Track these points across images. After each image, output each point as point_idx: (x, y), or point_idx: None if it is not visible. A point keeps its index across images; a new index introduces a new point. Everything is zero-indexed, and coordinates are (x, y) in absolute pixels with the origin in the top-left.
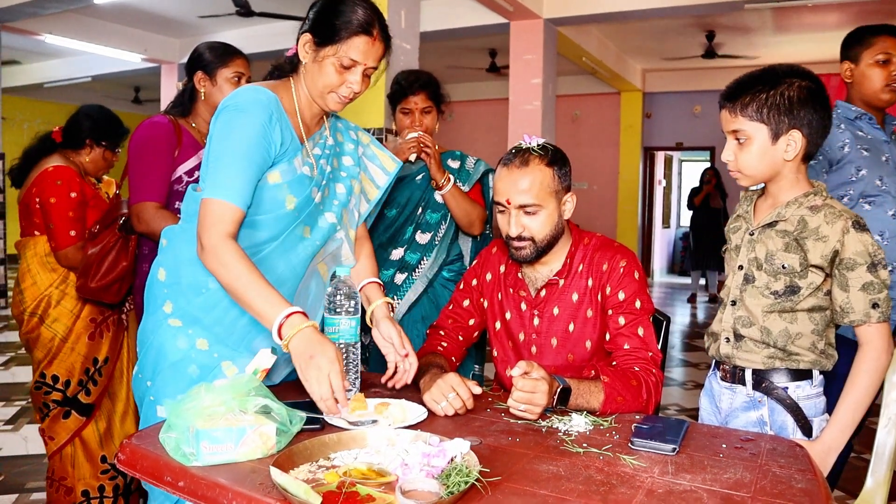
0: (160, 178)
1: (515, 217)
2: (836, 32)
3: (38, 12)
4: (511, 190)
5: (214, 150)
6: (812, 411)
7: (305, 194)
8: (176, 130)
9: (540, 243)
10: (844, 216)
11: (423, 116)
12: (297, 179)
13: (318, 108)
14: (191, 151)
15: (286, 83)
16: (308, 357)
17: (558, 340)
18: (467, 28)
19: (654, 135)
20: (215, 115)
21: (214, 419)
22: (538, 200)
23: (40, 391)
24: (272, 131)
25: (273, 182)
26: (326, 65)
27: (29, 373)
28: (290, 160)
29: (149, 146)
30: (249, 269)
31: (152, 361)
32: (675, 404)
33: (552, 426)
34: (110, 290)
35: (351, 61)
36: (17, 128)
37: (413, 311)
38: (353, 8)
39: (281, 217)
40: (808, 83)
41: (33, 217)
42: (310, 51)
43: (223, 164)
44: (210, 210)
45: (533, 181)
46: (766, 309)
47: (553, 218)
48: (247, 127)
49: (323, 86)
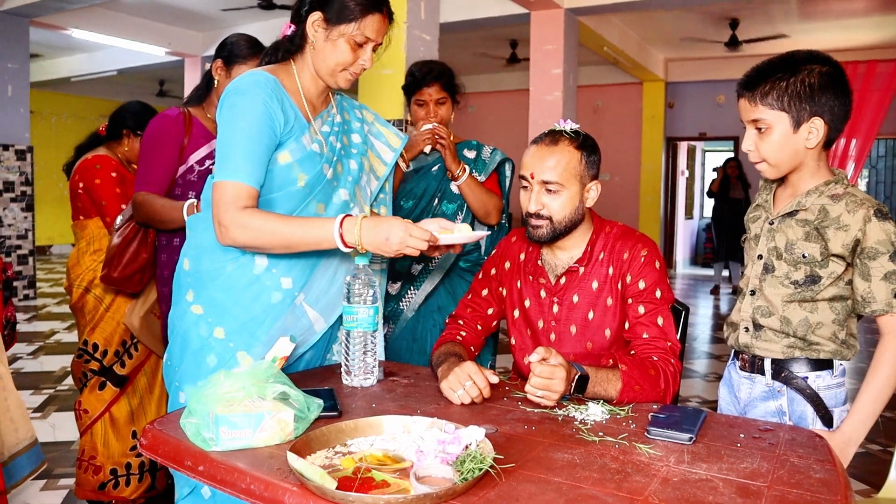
0: (162, 171)
1: (537, 193)
2: (864, 19)
3: (64, 7)
4: (536, 165)
5: (221, 136)
6: (832, 401)
7: (316, 171)
8: (186, 121)
9: (557, 224)
10: (866, 204)
11: (438, 107)
12: (308, 156)
13: (322, 86)
14: (201, 141)
15: (286, 66)
16: (384, 240)
17: (577, 328)
18: (487, 19)
19: (676, 125)
20: (219, 103)
21: (234, 405)
22: (561, 180)
23: (81, 359)
24: (274, 109)
25: (284, 162)
26: (340, 43)
27: (57, 362)
28: (298, 138)
29: (155, 139)
30: (280, 217)
31: (178, 348)
32: (696, 396)
33: (568, 415)
34: (132, 280)
35: (364, 38)
36: (46, 121)
37: (430, 302)
38: None
39: (293, 194)
40: (829, 69)
41: (77, 202)
42: (320, 29)
43: (231, 147)
44: (223, 192)
45: (559, 160)
46: (785, 298)
47: (574, 201)
48: (249, 108)
49: (336, 63)
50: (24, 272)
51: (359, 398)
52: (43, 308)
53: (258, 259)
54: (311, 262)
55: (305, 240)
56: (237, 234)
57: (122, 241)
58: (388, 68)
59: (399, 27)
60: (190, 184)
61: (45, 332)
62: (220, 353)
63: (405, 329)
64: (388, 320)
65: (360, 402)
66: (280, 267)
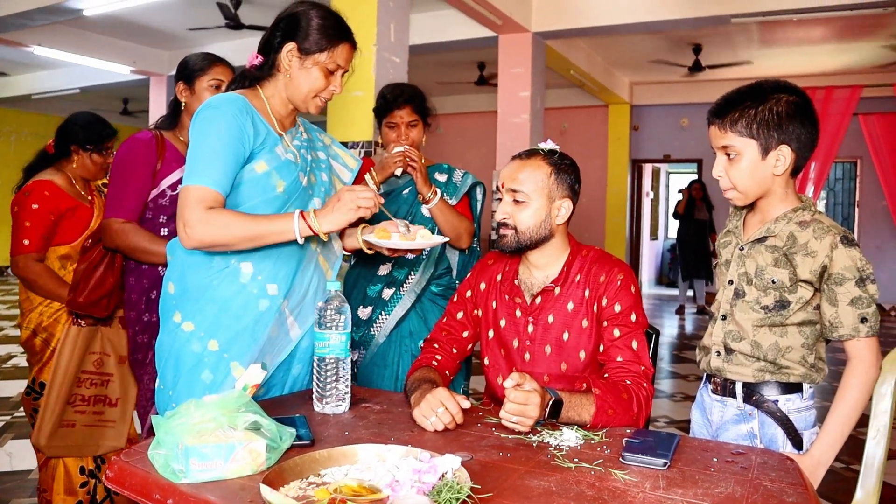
0: (133, 195)
1: (505, 203)
2: (822, 46)
3: (27, 24)
4: (508, 176)
5: (192, 146)
6: (802, 424)
7: (293, 177)
8: (158, 145)
9: (521, 235)
10: (833, 231)
11: (409, 130)
12: (284, 164)
13: (291, 109)
14: (174, 165)
15: (254, 90)
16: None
17: (552, 348)
18: (456, 41)
19: (641, 147)
20: (192, 119)
21: (204, 435)
22: (527, 191)
23: (30, 397)
24: (244, 122)
25: (261, 171)
26: (314, 71)
27: (13, 387)
28: (272, 149)
29: (125, 163)
30: (242, 213)
31: (172, 370)
32: (664, 416)
33: (543, 441)
34: (98, 304)
35: (336, 65)
36: (5, 139)
37: (401, 327)
38: (336, 19)
39: (272, 200)
40: (796, 98)
41: None
42: (294, 58)
43: (199, 155)
44: (188, 194)
45: (529, 173)
46: (756, 323)
47: (539, 215)
48: (219, 120)
49: (309, 90)
50: None
51: (331, 426)
52: (0, 331)
53: (244, 266)
54: (293, 268)
55: (269, 229)
56: (201, 231)
57: (87, 265)
58: (358, 90)
59: (368, 50)
60: (161, 208)
61: (1, 357)
62: (215, 366)
63: (376, 355)
64: (358, 346)
65: (333, 430)
66: (265, 273)
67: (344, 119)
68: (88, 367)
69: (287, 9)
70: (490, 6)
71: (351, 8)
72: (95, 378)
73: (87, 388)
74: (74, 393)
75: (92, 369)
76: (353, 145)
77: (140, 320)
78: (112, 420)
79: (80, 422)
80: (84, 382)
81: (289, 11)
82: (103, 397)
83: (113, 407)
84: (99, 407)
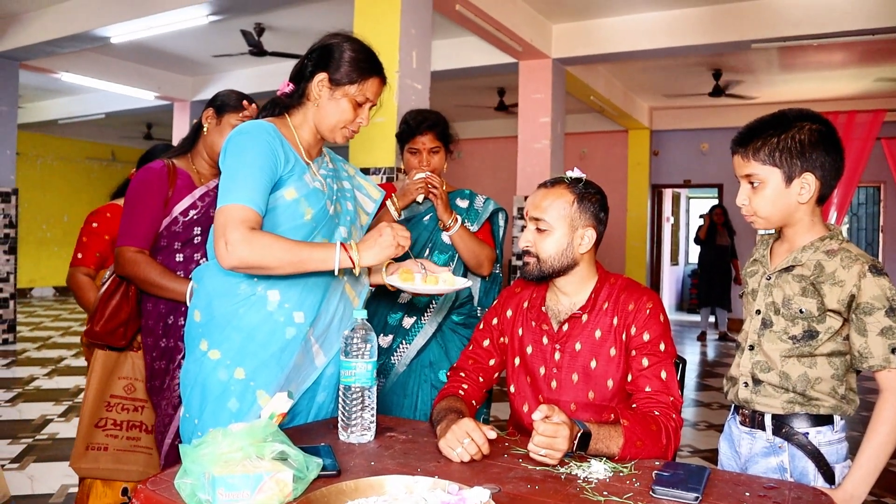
0: (145, 224)
1: (529, 230)
2: (842, 71)
3: (56, 51)
4: (532, 204)
5: (227, 168)
6: (834, 457)
7: (321, 205)
8: (170, 173)
9: (543, 263)
10: (861, 260)
11: (431, 156)
12: (312, 192)
13: (318, 139)
14: (185, 192)
15: (282, 119)
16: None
17: (579, 376)
18: (477, 67)
19: (661, 172)
20: (224, 144)
21: (231, 465)
22: (549, 220)
23: None
24: (276, 148)
25: (290, 198)
26: (343, 102)
27: (36, 410)
28: (300, 176)
29: (138, 193)
30: (285, 239)
31: (198, 399)
32: (688, 445)
33: (571, 472)
34: (115, 333)
35: (365, 98)
36: (32, 162)
37: (422, 356)
38: (368, 53)
39: (300, 227)
40: (819, 126)
41: None
42: (325, 88)
43: (237, 175)
44: (230, 213)
45: (551, 202)
46: (784, 353)
47: (561, 244)
48: (253, 143)
49: (338, 120)
50: (4, 316)
51: (357, 455)
52: (23, 353)
53: (270, 294)
54: (319, 296)
55: (311, 256)
56: (243, 251)
57: (104, 294)
58: (381, 116)
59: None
60: (175, 235)
61: (24, 379)
62: (241, 395)
63: (396, 384)
64: (378, 374)
65: (359, 460)
66: (292, 300)
67: (366, 145)
68: (118, 392)
69: (321, 39)
70: (511, 33)
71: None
72: (127, 403)
73: (118, 412)
74: (105, 417)
75: (122, 394)
76: (375, 171)
77: (157, 346)
78: (148, 447)
79: (113, 446)
80: (115, 407)
81: (323, 42)
82: (138, 423)
83: (149, 434)
84: (134, 433)
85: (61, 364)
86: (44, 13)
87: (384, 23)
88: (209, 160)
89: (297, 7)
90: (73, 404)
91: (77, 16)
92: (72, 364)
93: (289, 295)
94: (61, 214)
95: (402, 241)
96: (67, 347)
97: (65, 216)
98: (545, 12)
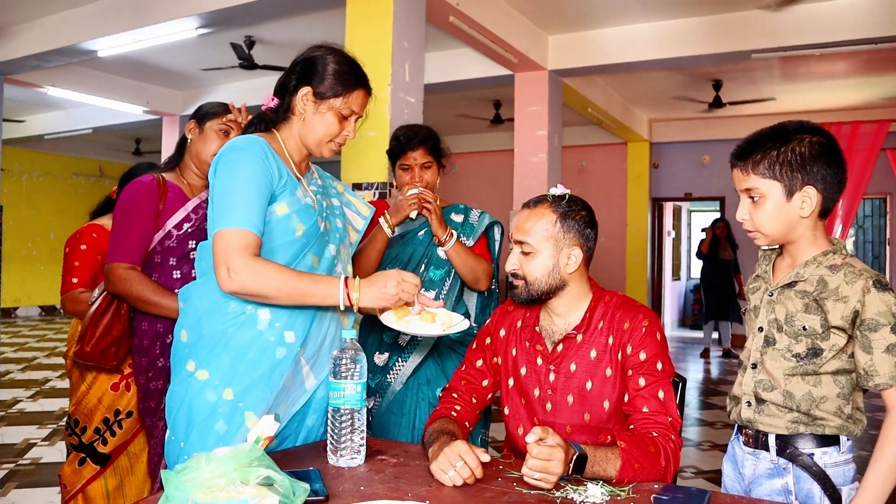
0: (136, 239)
1: (514, 253)
2: (844, 81)
3: (42, 65)
4: (515, 226)
5: (220, 187)
6: (840, 479)
7: (312, 222)
8: (160, 187)
9: (531, 286)
10: (865, 275)
11: (423, 172)
12: (304, 208)
13: (305, 154)
14: (177, 205)
15: (271, 134)
16: (383, 286)
17: (575, 398)
18: (471, 80)
19: (662, 185)
20: (215, 161)
21: (214, 491)
22: (532, 241)
23: (66, 431)
24: (269, 163)
25: (282, 213)
26: (328, 115)
27: (19, 434)
28: (292, 192)
29: (128, 208)
30: (288, 269)
31: (184, 421)
32: (691, 466)
33: (567, 496)
34: (106, 354)
35: (350, 111)
36: (17, 179)
37: (419, 374)
38: (352, 65)
39: (292, 242)
40: (819, 138)
41: None
42: (309, 102)
43: (233, 196)
44: (231, 238)
45: (534, 224)
46: (787, 372)
47: (547, 265)
48: (246, 161)
49: (324, 134)
50: None
51: (346, 480)
52: (6, 375)
53: (261, 313)
54: (310, 317)
55: (313, 290)
56: (247, 279)
57: (94, 312)
58: (373, 130)
59: (383, 90)
60: (170, 250)
61: (6, 401)
62: (229, 416)
63: (393, 402)
64: (374, 393)
65: (348, 485)
66: (283, 320)
67: (358, 159)
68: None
69: (304, 52)
70: (506, 44)
71: (366, 47)
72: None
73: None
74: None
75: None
76: (367, 186)
77: (154, 366)
78: None
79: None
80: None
81: (305, 55)
82: None
83: None
84: None
85: (46, 386)
86: (30, 26)
87: (376, 35)
88: (198, 172)
89: (287, 20)
90: (57, 427)
91: (64, 29)
92: (57, 386)
93: (280, 314)
94: (47, 232)
95: (405, 297)
96: (53, 369)
97: (51, 234)
98: (541, 23)
